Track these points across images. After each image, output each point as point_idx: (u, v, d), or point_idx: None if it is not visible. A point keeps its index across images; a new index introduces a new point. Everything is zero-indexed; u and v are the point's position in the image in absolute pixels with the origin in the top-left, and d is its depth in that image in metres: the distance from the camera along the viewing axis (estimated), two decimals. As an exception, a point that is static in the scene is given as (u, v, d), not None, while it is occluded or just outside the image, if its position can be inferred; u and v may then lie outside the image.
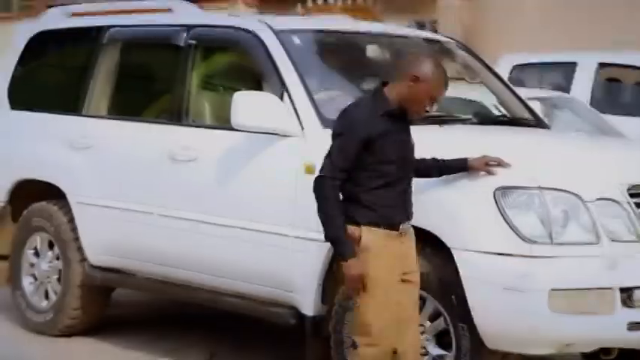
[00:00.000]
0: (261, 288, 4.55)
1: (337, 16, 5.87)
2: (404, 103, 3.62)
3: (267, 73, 4.72)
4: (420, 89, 3.59)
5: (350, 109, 3.66)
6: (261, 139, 4.53)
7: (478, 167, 3.81)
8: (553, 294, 3.65)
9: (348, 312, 3.98)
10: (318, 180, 3.58)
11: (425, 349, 3.99)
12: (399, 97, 3.62)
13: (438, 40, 5.59)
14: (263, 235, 4.49)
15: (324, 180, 3.56)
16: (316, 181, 3.58)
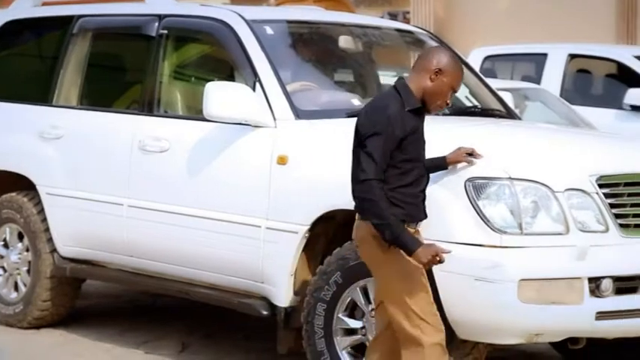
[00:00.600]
0: (233, 279, 4.55)
1: (310, 7, 5.86)
2: (427, 97, 3.55)
3: (240, 64, 4.70)
4: (444, 82, 3.53)
5: (382, 105, 3.51)
6: (233, 129, 4.52)
7: (457, 160, 3.80)
8: (523, 284, 3.68)
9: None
10: (365, 184, 3.42)
11: (396, 339, 4.00)
12: (422, 92, 3.54)
13: (410, 31, 5.60)
14: (235, 226, 4.48)
15: (371, 183, 3.42)
16: (364, 185, 3.43)
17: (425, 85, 3.54)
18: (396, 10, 14.65)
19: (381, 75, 5.53)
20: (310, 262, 4.31)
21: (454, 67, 3.56)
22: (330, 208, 4.17)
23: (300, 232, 4.23)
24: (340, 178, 4.13)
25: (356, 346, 4.14)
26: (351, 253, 4.08)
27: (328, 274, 4.14)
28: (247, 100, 4.42)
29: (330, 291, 4.12)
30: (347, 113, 4.58)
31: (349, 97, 4.95)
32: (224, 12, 4.91)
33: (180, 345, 5.18)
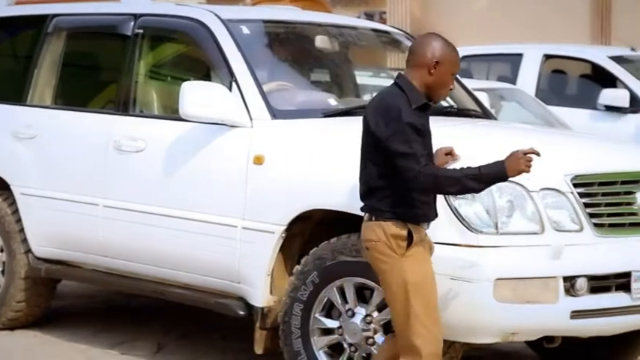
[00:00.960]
0: (209, 279, 4.53)
1: (286, 7, 5.86)
2: (431, 90, 3.50)
3: (216, 64, 4.69)
4: (444, 71, 3.48)
5: (392, 104, 3.43)
6: (209, 129, 4.50)
7: (440, 162, 3.75)
8: (498, 283, 3.70)
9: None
10: (420, 176, 3.35)
11: (372, 339, 4.01)
12: (424, 87, 3.49)
13: (386, 31, 5.61)
14: (211, 227, 4.47)
15: (421, 172, 3.34)
16: (420, 178, 3.36)
17: (426, 80, 3.49)
18: (372, 10, 14.68)
19: (357, 75, 5.54)
20: (287, 262, 4.31)
21: (450, 53, 3.51)
22: (306, 208, 4.17)
23: (276, 232, 4.23)
24: (317, 178, 4.15)
25: (333, 346, 4.14)
26: (327, 253, 4.09)
27: (305, 273, 4.14)
28: (223, 99, 4.41)
29: (307, 291, 4.12)
30: (323, 113, 4.60)
31: (326, 96, 4.96)
32: (200, 11, 4.90)
33: (155, 345, 5.16)
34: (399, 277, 3.45)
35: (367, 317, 4.02)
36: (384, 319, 3.99)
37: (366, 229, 3.52)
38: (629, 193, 4.03)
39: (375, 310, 4.01)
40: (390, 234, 3.44)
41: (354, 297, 4.05)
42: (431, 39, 3.55)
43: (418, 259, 3.45)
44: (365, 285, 4.02)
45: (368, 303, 4.03)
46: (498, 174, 3.38)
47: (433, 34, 3.60)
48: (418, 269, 3.45)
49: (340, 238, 4.09)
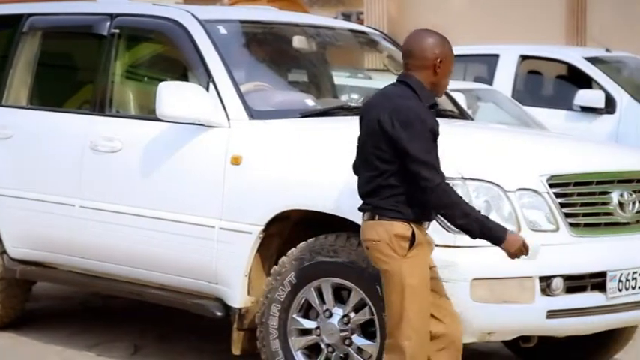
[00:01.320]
0: (186, 280, 4.52)
1: (263, 7, 5.86)
2: (435, 87, 3.54)
3: (193, 64, 4.68)
4: (446, 67, 3.54)
5: (408, 105, 3.44)
6: (186, 129, 4.49)
7: None
8: (475, 283, 3.71)
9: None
10: (439, 189, 3.38)
11: (350, 339, 4.01)
12: (430, 85, 3.53)
13: (364, 31, 5.62)
14: (189, 227, 4.45)
15: (441, 186, 3.38)
16: (438, 192, 3.39)
17: (432, 79, 3.54)
18: (349, 11, 14.71)
19: (335, 75, 5.55)
20: (264, 263, 4.30)
21: (449, 48, 3.56)
22: (284, 209, 4.17)
23: (254, 232, 4.22)
24: (294, 178, 4.15)
25: (310, 347, 4.14)
26: (305, 254, 4.09)
27: (282, 274, 4.13)
28: (200, 100, 4.40)
29: (285, 291, 4.12)
30: (301, 113, 4.60)
31: (303, 97, 4.96)
32: (177, 11, 4.88)
33: (132, 347, 5.14)
34: (397, 277, 3.46)
35: (345, 317, 4.02)
36: (362, 319, 4.00)
37: (367, 228, 3.52)
38: (604, 194, 4.06)
39: (353, 310, 4.01)
40: (394, 234, 3.45)
41: (331, 297, 4.05)
42: (427, 37, 3.56)
43: (418, 261, 3.48)
44: (342, 285, 4.03)
45: (345, 303, 4.03)
46: (497, 236, 3.44)
47: (425, 31, 3.61)
48: (417, 272, 3.47)
49: (318, 238, 4.09)
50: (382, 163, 3.47)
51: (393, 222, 3.45)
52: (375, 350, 3.96)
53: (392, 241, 3.45)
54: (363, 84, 6.22)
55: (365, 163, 3.53)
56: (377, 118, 3.48)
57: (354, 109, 4.86)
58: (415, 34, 3.60)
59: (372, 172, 3.49)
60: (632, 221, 4.10)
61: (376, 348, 3.95)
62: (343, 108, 4.90)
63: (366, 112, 3.58)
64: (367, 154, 3.51)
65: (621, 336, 4.70)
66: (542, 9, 12.56)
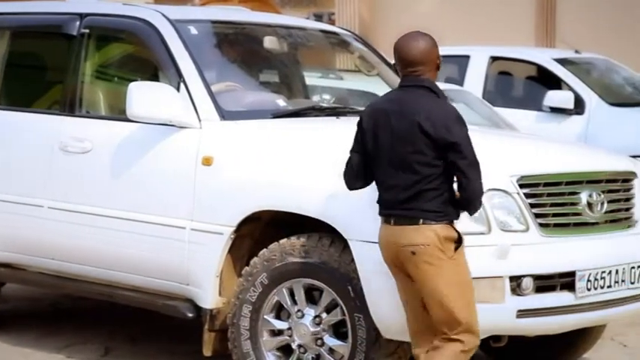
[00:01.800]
0: (157, 281, 4.50)
1: (235, 7, 5.84)
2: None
3: (164, 64, 4.66)
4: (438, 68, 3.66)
5: (448, 107, 3.55)
6: (157, 130, 4.47)
7: None
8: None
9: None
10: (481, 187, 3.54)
11: (321, 340, 4.02)
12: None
13: (335, 32, 5.63)
14: (160, 228, 4.43)
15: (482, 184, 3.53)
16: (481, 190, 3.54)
17: (435, 76, 3.64)
18: (321, 11, 14.71)
19: (306, 76, 5.55)
20: (236, 264, 4.29)
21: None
22: (256, 209, 4.16)
23: (225, 233, 4.21)
24: (266, 179, 4.14)
25: (282, 347, 4.14)
26: (276, 255, 4.08)
27: (254, 275, 4.13)
28: (171, 100, 4.38)
29: (256, 292, 4.12)
30: (272, 114, 4.59)
31: (275, 97, 4.95)
32: (147, 11, 4.86)
33: (102, 349, 5.11)
34: (448, 278, 3.48)
35: (316, 318, 4.03)
36: (333, 319, 4.01)
37: (412, 232, 3.47)
38: (573, 194, 4.09)
39: (324, 311, 4.02)
40: (443, 236, 3.47)
41: (303, 298, 4.05)
42: (426, 39, 3.62)
43: (462, 260, 3.54)
44: (314, 286, 4.03)
45: (317, 304, 4.03)
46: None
47: (418, 34, 3.64)
48: (464, 271, 3.54)
49: (290, 239, 4.09)
50: (424, 166, 3.46)
51: (441, 225, 3.48)
52: (346, 350, 3.96)
53: (442, 244, 3.47)
54: (334, 84, 6.22)
55: (398, 169, 3.49)
56: (416, 123, 3.46)
57: (325, 110, 4.87)
58: (414, 39, 3.60)
59: (413, 176, 3.46)
60: (600, 221, 4.14)
61: (347, 348, 3.96)
62: (315, 109, 4.90)
63: (390, 118, 3.53)
64: (402, 159, 3.48)
65: (590, 335, 4.75)
66: (512, 11, 12.64)
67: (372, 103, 3.76)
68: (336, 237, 3.94)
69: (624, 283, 4.06)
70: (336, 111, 4.82)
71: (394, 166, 3.52)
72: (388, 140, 3.52)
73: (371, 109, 3.64)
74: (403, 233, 3.50)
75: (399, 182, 3.50)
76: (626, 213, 4.28)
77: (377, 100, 3.69)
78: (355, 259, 3.85)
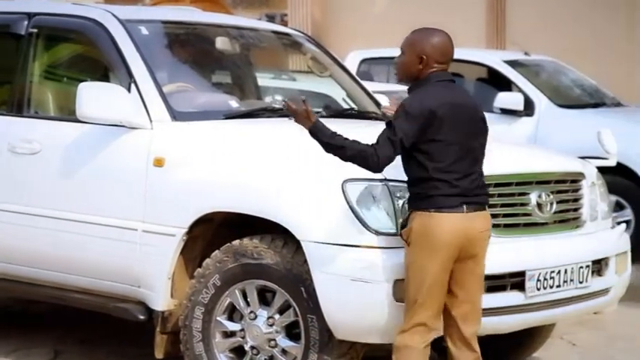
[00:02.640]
0: (109, 283, 4.46)
1: (186, 8, 5.81)
2: None
3: (114, 64, 4.62)
4: None
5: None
6: (108, 131, 4.43)
7: None
8: (398, 284, 3.74)
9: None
10: None
11: (274, 341, 4.01)
12: None
13: (287, 33, 5.63)
14: (111, 230, 4.39)
15: None
16: None
17: None
18: (273, 12, 14.70)
19: (259, 77, 5.54)
20: (188, 265, 4.27)
21: None
22: (208, 210, 4.15)
23: (177, 234, 4.19)
24: (218, 180, 4.13)
25: (235, 349, 4.13)
26: (229, 256, 4.07)
27: (206, 277, 4.11)
28: (122, 101, 4.35)
29: (209, 294, 4.10)
30: (224, 115, 4.58)
31: (227, 98, 4.94)
32: (97, 11, 4.81)
33: (52, 352, 5.05)
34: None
35: (269, 319, 4.02)
36: (286, 321, 4.00)
37: (486, 217, 3.71)
38: (523, 194, 4.14)
39: (277, 312, 4.01)
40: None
41: (256, 299, 4.04)
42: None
43: None
44: (267, 287, 4.02)
45: (270, 305, 4.03)
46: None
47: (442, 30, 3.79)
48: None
49: (242, 240, 4.08)
50: (482, 155, 3.73)
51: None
52: (299, 352, 3.96)
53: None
54: (287, 85, 6.22)
55: (471, 158, 3.66)
56: (482, 118, 3.76)
57: (278, 111, 4.86)
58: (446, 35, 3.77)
59: (479, 164, 3.71)
60: (549, 221, 4.19)
61: (300, 349, 3.96)
62: (267, 110, 4.90)
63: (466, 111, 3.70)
64: (474, 149, 3.67)
65: (540, 334, 4.81)
66: (463, 13, 12.75)
67: (442, 96, 3.70)
68: (289, 238, 3.94)
69: (573, 282, 4.12)
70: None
71: (468, 156, 3.65)
72: (464, 132, 3.65)
73: (449, 103, 3.67)
74: (478, 219, 3.64)
75: (472, 170, 3.66)
76: (574, 213, 4.35)
77: (443, 94, 3.70)
78: (308, 260, 3.85)
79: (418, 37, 3.73)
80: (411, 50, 3.70)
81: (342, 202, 3.83)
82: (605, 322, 5.68)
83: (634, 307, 5.96)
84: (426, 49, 3.68)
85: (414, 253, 3.62)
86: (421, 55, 3.68)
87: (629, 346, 5.37)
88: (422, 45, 3.68)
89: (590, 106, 8.53)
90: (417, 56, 3.68)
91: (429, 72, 3.70)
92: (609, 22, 11.92)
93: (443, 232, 3.58)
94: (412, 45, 3.70)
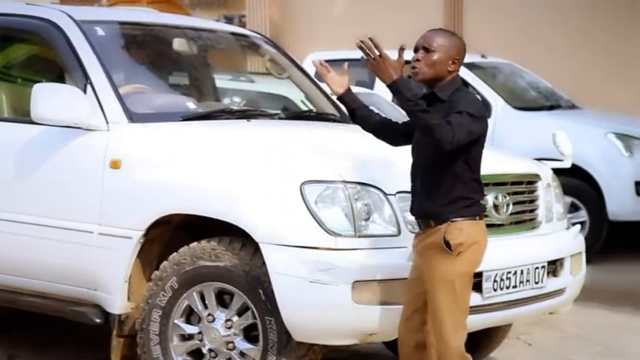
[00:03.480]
0: (64, 287, 4.41)
1: (143, 9, 5.77)
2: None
3: (70, 66, 4.57)
4: None
5: None
6: (63, 133, 4.39)
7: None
8: (357, 285, 3.75)
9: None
10: None
11: (232, 344, 4.00)
12: None
13: (245, 34, 5.62)
14: (66, 233, 4.35)
15: None
16: None
17: None
18: (231, 14, 14.66)
19: (216, 78, 5.52)
20: (145, 268, 4.24)
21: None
22: (165, 213, 4.12)
23: (134, 237, 4.16)
24: (175, 182, 4.10)
25: (192, 352, 4.11)
26: (186, 258, 4.05)
27: (164, 279, 4.09)
28: (77, 102, 4.30)
29: (166, 297, 4.07)
30: (182, 116, 4.55)
31: (184, 100, 4.92)
32: (52, 12, 4.75)
33: (5, 357, 4.97)
34: None
35: (227, 322, 4.01)
36: (245, 323, 3.99)
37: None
38: (480, 196, 4.17)
39: (236, 314, 4.00)
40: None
41: (214, 302, 4.03)
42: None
43: None
44: (225, 290, 4.01)
45: (228, 308, 4.02)
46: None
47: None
48: None
49: (200, 242, 4.06)
50: None
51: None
52: (257, 354, 3.95)
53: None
54: (245, 87, 6.21)
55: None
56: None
57: (236, 113, 4.85)
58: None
59: None
60: (506, 223, 4.23)
61: (259, 352, 3.95)
62: (225, 111, 4.88)
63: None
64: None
65: (496, 335, 4.85)
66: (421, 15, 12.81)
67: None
68: (247, 240, 3.93)
69: (529, 283, 4.16)
70: (247, 114, 4.81)
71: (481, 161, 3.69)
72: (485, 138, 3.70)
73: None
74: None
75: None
76: (530, 214, 4.39)
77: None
78: (266, 262, 3.84)
79: (451, 40, 3.69)
80: (445, 51, 3.65)
81: (300, 203, 3.83)
82: (560, 322, 5.75)
83: (588, 307, 6.04)
84: (460, 53, 3.69)
85: (463, 264, 3.59)
86: (455, 58, 3.67)
87: (584, 346, 5.44)
88: (457, 48, 3.67)
89: (545, 108, 8.64)
90: (451, 58, 3.66)
91: (455, 74, 3.70)
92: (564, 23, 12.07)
93: (485, 241, 3.67)
94: (446, 47, 3.66)
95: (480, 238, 3.63)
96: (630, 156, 7.94)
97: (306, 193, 3.84)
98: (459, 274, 3.58)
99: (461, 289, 3.59)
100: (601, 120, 8.52)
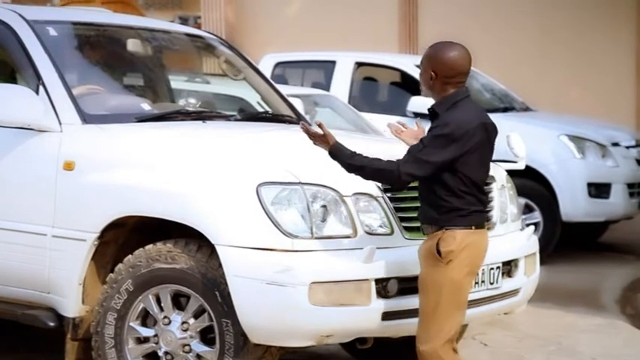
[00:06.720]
0: (17, 290, 4.36)
1: (97, 9, 5.71)
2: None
3: (22, 66, 4.52)
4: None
5: None
6: (15, 134, 4.33)
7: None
8: (313, 287, 3.74)
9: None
10: None
11: (189, 346, 3.97)
12: None
13: (200, 36, 5.59)
14: (19, 235, 4.30)
15: None
16: None
17: None
18: (187, 15, 14.59)
19: (171, 80, 5.49)
20: (100, 271, 4.20)
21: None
22: (119, 215, 4.08)
23: (88, 239, 4.12)
24: (130, 184, 4.06)
25: (148, 355, 4.07)
26: (142, 261, 4.01)
27: (119, 282, 4.05)
28: (29, 103, 4.25)
29: (121, 299, 4.04)
30: (136, 118, 4.52)
31: (139, 101, 4.88)
32: (3, 11, 4.69)
33: (-43, 363, 4.90)
34: None
35: (183, 324, 3.98)
36: (201, 325, 3.97)
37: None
38: (436, 197, 4.18)
39: (192, 317, 3.98)
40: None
41: (170, 304, 4.00)
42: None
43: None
44: (181, 292, 3.98)
45: (184, 310, 3.99)
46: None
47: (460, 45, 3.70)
48: None
49: (156, 244, 4.03)
50: None
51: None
52: (214, 356, 3.93)
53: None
54: (200, 89, 6.18)
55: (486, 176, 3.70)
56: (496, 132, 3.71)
57: (191, 114, 4.82)
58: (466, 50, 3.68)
59: None
60: (461, 223, 4.25)
61: (215, 354, 3.93)
62: (180, 112, 4.85)
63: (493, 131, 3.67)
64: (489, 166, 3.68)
65: (453, 334, 4.86)
66: (377, 18, 12.89)
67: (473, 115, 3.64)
68: (203, 242, 3.91)
69: (484, 283, 4.18)
70: (203, 115, 4.78)
71: (487, 172, 3.69)
72: (490, 152, 3.67)
73: (482, 123, 3.62)
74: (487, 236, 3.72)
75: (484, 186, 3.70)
76: (485, 215, 4.42)
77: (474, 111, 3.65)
78: (223, 264, 3.82)
79: (431, 52, 3.67)
80: (425, 66, 3.67)
81: (256, 205, 3.81)
82: (515, 322, 5.81)
83: (542, 307, 6.11)
84: (436, 65, 3.64)
85: (452, 271, 3.60)
86: (432, 71, 3.64)
87: (538, 345, 5.50)
88: (432, 61, 3.65)
89: (499, 110, 8.72)
90: (428, 73, 3.65)
91: (451, 90, 3.65)
92: (518, 26, 12.20)
93: (481, 251, 3.69)
94: (425, 60, 3.67)
95: (475, 246, 3.64)
96: (583, 157, 8.06)
97: (263, 195, 3.83)
98: (446, 281, 3.61)
99: (448, 295, 3.61)
100: (554, 122, 8.63)
